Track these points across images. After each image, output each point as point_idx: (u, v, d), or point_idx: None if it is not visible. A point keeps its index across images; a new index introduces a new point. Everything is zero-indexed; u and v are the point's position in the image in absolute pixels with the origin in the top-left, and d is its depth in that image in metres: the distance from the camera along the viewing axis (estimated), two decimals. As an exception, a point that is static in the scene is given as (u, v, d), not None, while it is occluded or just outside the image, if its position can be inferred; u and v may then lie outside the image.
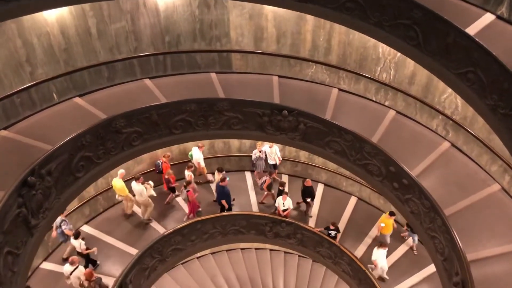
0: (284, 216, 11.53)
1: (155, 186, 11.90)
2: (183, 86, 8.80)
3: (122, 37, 8.94)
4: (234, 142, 13.51)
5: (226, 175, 11.77)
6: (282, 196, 11.49)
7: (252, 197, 13.00)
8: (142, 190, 11.10)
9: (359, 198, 13.19)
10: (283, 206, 11.47)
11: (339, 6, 6.45)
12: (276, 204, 11.61)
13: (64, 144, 6.58)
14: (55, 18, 7.95)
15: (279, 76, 9.47)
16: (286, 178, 13.49)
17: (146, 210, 11.69)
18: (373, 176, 8.20)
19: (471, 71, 5.71)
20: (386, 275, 10.90)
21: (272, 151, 12.73)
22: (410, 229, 11.19)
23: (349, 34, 9.29)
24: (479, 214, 7.26)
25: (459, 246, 6.36)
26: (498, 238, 6.90)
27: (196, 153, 12.44)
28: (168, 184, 12.10)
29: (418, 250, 11.53)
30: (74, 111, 8.04)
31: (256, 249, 15.08)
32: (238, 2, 9.09)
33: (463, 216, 7.17)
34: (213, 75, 9.23)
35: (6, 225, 5.51)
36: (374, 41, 8.72)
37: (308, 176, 13.41)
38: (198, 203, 12.00)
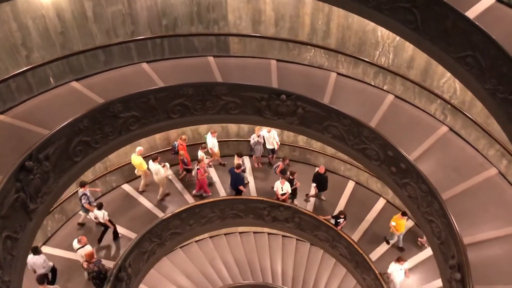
0: (282, 200, 11.57)
1: (171, 166, 12.44)
2: (181, 70, 8.74)
3: (118, 20, 8.84)
4: (232, 127, 13.49)
5: (243, 165, 12.16)
6: (280, 180, 11.52)
7: (250, 181, 13.03)
8: (158, 170, 11.48)
9: (357, 183, 13.24)
10: (282, 190, 11.50)
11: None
12: (274, 188, 11.64)
13: (61, 128, 6.55)
14: (51, 1, 7.84)
15: (278, 60, 9.40)
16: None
17: (160, 189, 12.13)
18: (371, 160, 8.21)
19: (470, 55, 5.68)
20: None
21: (270, 136, 12.73)
22: None
23: (348, 18, 9.21)
24: (476, 198, 7.30)
25: (456, 229, 6.40)
26: (494, 222, 6.96)
27: (209, 139, 12.57)
28: (184, 164, 12.46)
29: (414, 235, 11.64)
30: (71, 96, 7.99)
31: (254, 233, 15.17)
32: (236, -15, 8.99)
33: (460, 200, 7.21)
34: (210, 59, 9.16)
35: (4, 209, 5.53)
36: (373, 24, 8.65)
37: (306, 160, 13.45)
38: (207, 184, 12.27)
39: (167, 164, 12.04)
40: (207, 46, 9.89)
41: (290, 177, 11.75)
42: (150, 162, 11.56)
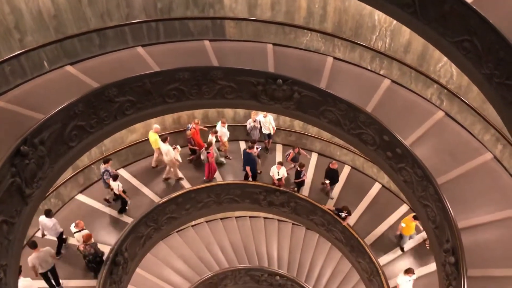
0: (278, 185, 11.61)
1: (182, 147, 12.58)
2: (176, 54, 8.66)
3: (113, 3, 8.73)
4: (228, 112, 13.45)
5: (258, 146, 12.30)
6: (276, 165, 11.54)
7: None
8: (168, 151, 11.69)
9: (353, 167, 13.30)
10: (278, 175, 11.53)
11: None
12: (270, 173, 11.66)
13: (56, 113, 6.49)
14: (44, -17, 7.74)
15: (274, 44, 9.32)
16: (280, 148, 13.52)
17: (171, 170, 12.33)
18: (367, 145, 8.21)
19: (467, 40, 5.64)
20: None
21: (266, 121, 12.72)
22: None
23: (345, 1, 9.14)
24: (471, 182, 7.33)
25: (451, 214, 6.45)
26: (489, 206, 7.00)
27: (219, 128, 12.59)
28: (191, 145, 12.63)
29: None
30: (65, 80, 7.90)
31: (250, 217, 15.27)
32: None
33: (455, 184, 7.24)
34: (206, 43, 9.07)
35: (0, 194, 5.51)
36: (370, 8, 8.58)
37: (302, 145, 13.45)
38: (215, 169, 12.35)
39: (178, 146, 12.17)
40: (203, 30, 9.81)
41: (298, 168, 11.67)
42: (161, 142, 11.82)
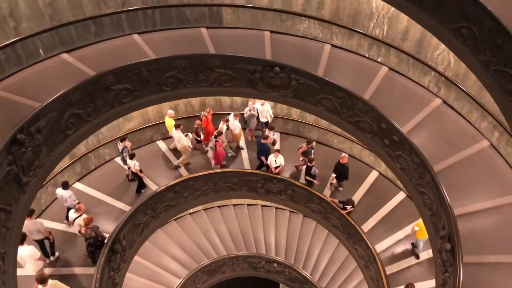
0: (276, 173, 11.64)
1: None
2: (173, 42, 8.61)
3: (108, -10, 8.65)
4: (226, 100, 13.42)
5: (275, 136, 12.39)
6: (274, 153, 11.55)
7: (244, 154, 13.05)
8: (180, 138, 11.81)
9: (350, 155, 13.30)
10: (275, 163, 11.55)
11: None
12: (268, 161, 11.68)
13: (52, 101, 6.47)
14: (38, -31, 7.64)
15: (271, 31, 9.27)
16: (277, 136, 13.51)
17: (182, 156, 12.41)
18: (364, 133, 8.23)
19: (465, 27, 5.62)
20: None
21: (264, 109, 12.70)
22: None
23: (342, -12, 9.08)
24: (468, 170, 7.37)
25: (447, 201, 6.49)
26: (485, 193, 7.05)
27: (231, 120, 12.55)
28: (197, 135, 12.67)
29: (405, 207, 11.78)
30: (61, 68, 7.86)
31: (248, 205, 15.35)
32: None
33: (452, 172, 7.28)
34: (203, 30, 9.02)
35: (-3, 182, 5.52)
36: (368, -5, 8.53)
37: (299, 133, 13.46)
38: (224, 155, 12.30)
39: (190, 134, 12.21)
40: (200, 17, 9.72)
41: (309, 164, 11.53)
42: (173, 129, 11.84)
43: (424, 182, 7.21)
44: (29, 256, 8.41)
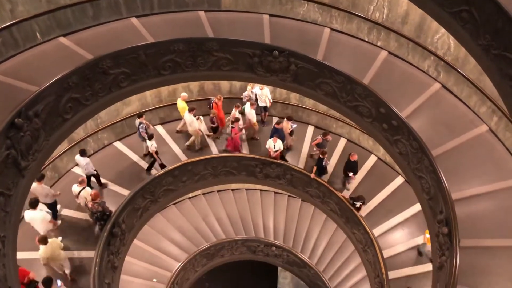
0: (274, 158, 11.65)
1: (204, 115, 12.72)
2: (171, 25, 8.53)
3: (106, -28, 8.54)
4: (224, 84, 13.36)
5: (294, 126, 12.27)
6: (272, 138, 11.54)
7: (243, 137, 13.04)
8: (192, 121, 11.83)
9: (349, 140, 13.33)
10: (274, 148, 11.55)
11: None
12: (267, 146, 11.68)
13: (50, 85, 6.44)
14: (34, -49, 7.53)
15: (270, 15, 9.18)
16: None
17: (194, 139, 12.44)
18: (363, 117, 8.22)
19: (465, 10, 5.56)
20: None
21: (262, 93, 12.65)
22: None
23: (342, -29, 8.97)
24: (466, 154, 7.38)
25: (445, 185, 6.51)
26: (483, 178, 7.07)
27: (247, 109, 12.48)
28: (211, 123, 12.57)
29: (403, 191, 11.83)
30: (59, 51, 7.80)
31: (246, 189, 15.39)
32: None
33: (450, 156, 7.29)
34: (201, 14, 8.93)
35: (-5, 166, 5.52)
36: (368, -22, 8.43)
37: (298, 118, 13.44)
38: (240, 143, 12.26)
39: (202, 117, 12.20)
40: (198, 1, 9.62)
41: (321, 156, 11.42)
42: (186, 112, 11.84)
43: (422, 167, 7.23)
44: (40, 219, 9.00)
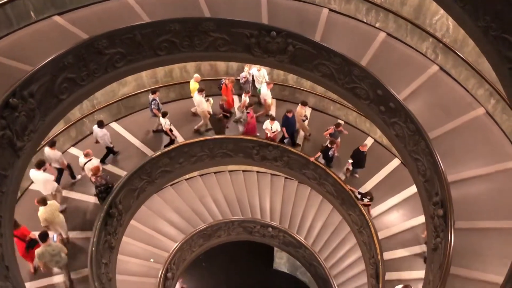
0: (271, 139, 11.64)
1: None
2: (167, 5, 8.41)
3: (100, -51, 8.37)
4: (221, 65, 13.27)
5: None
6: (269, 120, 11.52)
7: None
8: (201, 102, 11.78)
9: (346, 122, 13.32)
10: (271, 129, 11.53)
11: None
12: (263, 127, 11.66)
13: (45, 65, 6.38)
14: None
15: (268, -5, 9.08)
16: (273, 102, 13.44)
17: (201, 121, 12.42)
18: (360, 99, 8.20)
19: (465, -10, 5.52)
20: None
21: (260, 75, 12.58)
22: None
23: (341, -50, 8.83)
24: (463, 137, 7.41)
25: (441, 167, 6.54)
26: (479, 160, 7.12)
27: (263, 89, 12.41)
28: (222, 110, 12.47)
29: (399, 174, 11.88)
30: (53, 30, 7.72)
31: (243, 171, 15.42)
32: None
33: (447, 139, 7.32)
34: (198, -7, 8.82)
35: (-10, 147, 5.50)
36: (367, -43, 8.31)
37: (296, 100, 13.40)
38: (256, 126, 12.18)
39: (211, 99, 12.09)
40: (195, -21, 9.48)
41: (329, 145, 11.33)
42: (196, 93, 11.77)
43: (418, 149, 7.24)
44: (42, 180, 9.31)
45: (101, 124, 10.79)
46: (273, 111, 13.13)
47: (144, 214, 12.54)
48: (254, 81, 12.80)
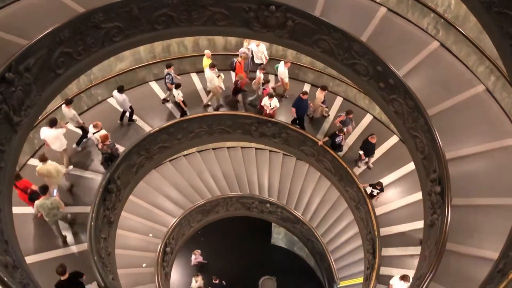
0: (270, 115, 11.60)
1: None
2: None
3: None
4: (219, 40, 13.11)
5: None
6: (268, 97, 11.45)
7: (238, 96, 12.92)
8: (212, 78, 11.68)
9: (345, 99, 13.27)
10: (270, 106, 11.48)
11: None
12: (262, 103, 11.60)
13: (41, 39, 6.29)
14: None
15: (267, -32, 8.90)
16: (272, 78, 13.34)
17: (213, 97, 12.35)
18: (359, 76, 8.13)
19: (469, -35, 5.43)
20: None
21: (259, 50, 12.44)
22: None
23: None
24: (462, 114, 7.39)
25: (439, 144, 6.54)
26: (477, 137, 7.12)
27: (281, 68, 12.31)
28: (236, 86, 12.31)
29: (397, 150, 11.90)
30: (49, 4, 7.59)
31: (242, 147, 15.42)
32: None
33: (446, 116, 7.30)
34: (196, -34, 8.63)
35: (-13, 122, 5.47)
36: None
37: (295, 76, 13.32)
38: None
39: (222, 75, 11.98)
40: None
41: (337, 132, 11.21)
42: (207, 69, 11.71)
43: (417, 126, 7.23)
44: (54, 136, 9.55)
45: (121, 89, 10.94)
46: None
47: (143, 190, 12.59)
48: (253, 57, 12.66)
